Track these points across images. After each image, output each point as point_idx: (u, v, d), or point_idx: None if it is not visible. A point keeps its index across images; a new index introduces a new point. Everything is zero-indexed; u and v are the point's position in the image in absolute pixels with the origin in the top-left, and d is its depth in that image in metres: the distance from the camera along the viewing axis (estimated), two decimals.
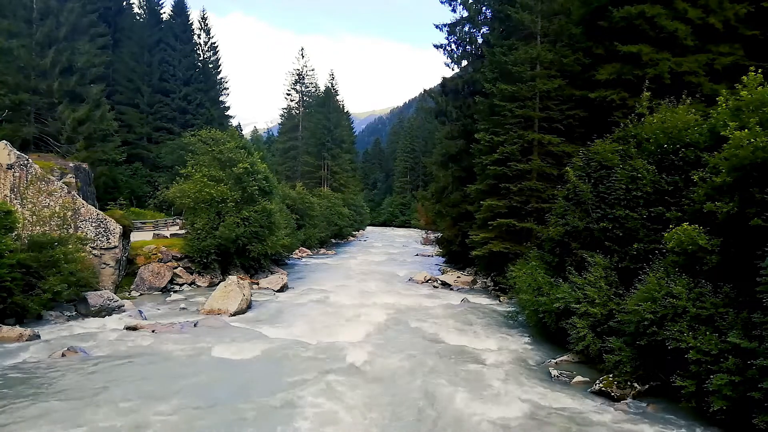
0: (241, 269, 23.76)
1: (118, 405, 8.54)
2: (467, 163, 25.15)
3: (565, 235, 13.52)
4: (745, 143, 8.54)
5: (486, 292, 22.25)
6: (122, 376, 10.04)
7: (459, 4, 28.24)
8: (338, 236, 53.21)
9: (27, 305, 13.50)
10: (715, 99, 10.95)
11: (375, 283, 24.40)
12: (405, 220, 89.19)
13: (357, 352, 12.19)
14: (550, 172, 19.28)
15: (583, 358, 11.55)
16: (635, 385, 9.74)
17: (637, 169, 11.75)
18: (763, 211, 8.33)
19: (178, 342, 12.58)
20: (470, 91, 27.99)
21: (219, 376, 10.32)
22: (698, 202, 9.80)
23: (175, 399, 8.90)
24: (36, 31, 27.21)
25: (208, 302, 16.79)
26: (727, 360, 7.91)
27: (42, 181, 17.49)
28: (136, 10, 48.70)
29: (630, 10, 16.42)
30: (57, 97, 27.84)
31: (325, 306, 18.30)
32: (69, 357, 11.01)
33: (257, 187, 23.85)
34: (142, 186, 40.33)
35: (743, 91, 9.62)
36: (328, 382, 10.00)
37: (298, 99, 68.22)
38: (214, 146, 24.44)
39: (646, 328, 9.34)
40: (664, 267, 10.01)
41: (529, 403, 9.34)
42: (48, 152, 25.96)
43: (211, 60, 50.96)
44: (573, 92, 19.30)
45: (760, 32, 16.35)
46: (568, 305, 11.65)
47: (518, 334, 14.61)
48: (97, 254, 18.10)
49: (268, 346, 12.57)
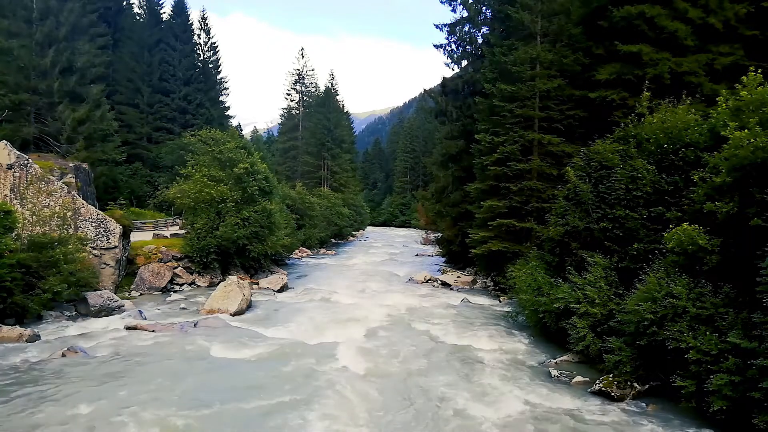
0: (241, 269, 23.76)
1: (118, 405, 8.54)
2: (467, 163, 25.14)
3: (565, 235, 13.51)
4: (745, 143, 8.54)
5: (486, 292, 22.25)
6: (122, 376, 10.03)
7: (459, 4, 28.23)
8: (338, 236, 53.19)
9: (27, 305, 13.50)
10: (715, 99, 10.94)
11: (375, 283, 24.40)
12: (405, 220, 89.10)
13: (357, 352, 12.20)
14: (550, 172, 19.27)
15: (583, 358, 11.54)
16: (635, 385, 9.74)
17: (637, 169, 11.75)
18: (763, 211, 8.32)
19: (178, 342, 12.58)
20: (470, 91, 27.99)
21: (219, 376, 10.32)
22: (698, 202, 9.80)
23: (175, 399, 8.90)
24: (36, 31, 27.21)
25: (208, 302, 16.79)
26: (727, 360, 7.91)
27: (42, 181, 17.49)
28: (136, 10, 48.67)
29: (630, 10, 16.41)
30: (57, 97, 27.84)
31: (325, 306, 18.30)
32: (69, 357, 11.01)
33: (257, 187, 23.85)
34: (142, 186, 40.31)
35: (743, 91, 9.62)
36: (327, 382, 10.00)
37: (298, 99, 68.23)
38: (214, 146, 24.43)
39: (646, 328, 9.34)
40: (664, 267, 10.00)
41: (528, 403, 9.34)
42: (48, 152, 25.97)
43: (211, 60, 50.97)
44: (573, 92, 19.30)
45: (760, 32, 16.34)
46: (568, 305, 11.64)
47: (518, 334, 14.60)
48: (97, 254, 18.10)
49: (268, 346, 12.57)
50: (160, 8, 49.27)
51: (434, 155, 38.71)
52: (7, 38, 25.88)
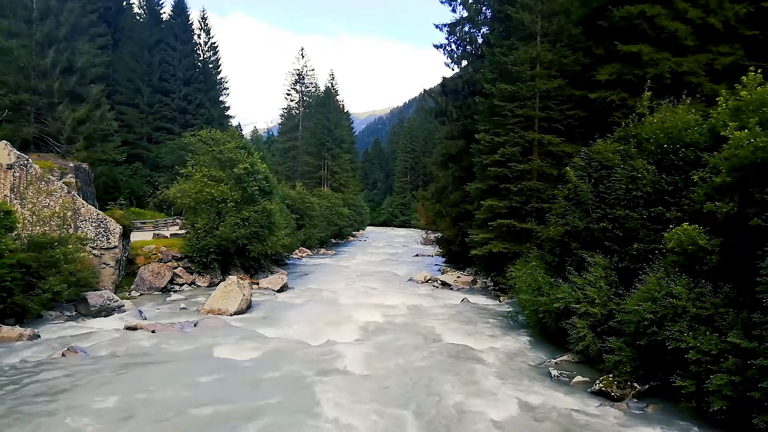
0: (241, 269, 23.77)
1: (118, 405, 8.54)
2: (467, 163, 25.15)
3: (565, 235, 13.51)
4: (745, 143, 8.54)
5: (486, 292, 22.25)
6: (122, 376, 10.03)
7: (459, 4, 28.24)
8: (338, 236, 53.19)
9: (27, 305, 13.50)
10: (715, 99, 10.93)
11: (375, 283, 24.39)
12: (405, 220, 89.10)
13: (357, 352, 12.19)
14: (550, 172, 19.28)
15: (583, 358, 11.54)
16: (635, 385, 9.74)
17: (637, 169, 11.75)
18: (763, 211, 8.32)
19: (178, 342, 12.57)
20: (470, 91, 27.98)
21: (219, 376, 10.30)
22: (698, 202, 9.79)
23: (175, 399, 8.90)
24: (36, 31, 27.18)
25: (208, 302, 16.79)
26: (727, 360, 7.91)
27: (42, 181, 17.50)
28: (136, 10, 48.66)
29: (630, 10, 16.41)
30: (57, 97, 27.82)
31: (324, 306, 18.29)
32: (69, 357, 11.01)
33: (257, 187, 23.86)
34: (142, 186, 40.31)
35: (743, 91, 9.61)
36: (327, 382, 9.99)
37: (298, 99, 68.21)
38: (214, 146, 24.44)
39: (646, 328, 9.34)
40: (664, 267, 10.00)
41: (528, 403, 9.33)
42: (48, 152, 25.95)
43: (211, 60, 50.97)
44: (573, 92, 19.30)
45: (760, 32, 16.33)
46: (568, 305, 11.64)
47: (518, 334, 14.60)
48: (97, 254, 18.10)
49: (268, 346, 12.57)
50: (160, 8, 49.27)
51: (434, 155, 38.71)
52: (7, 38, 25.86)
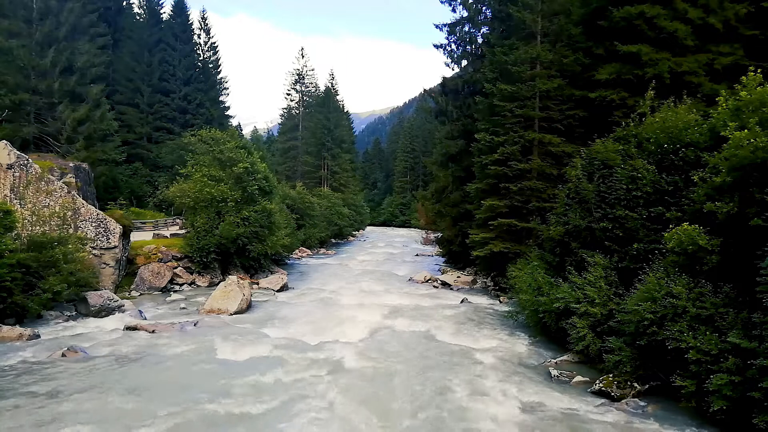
0: (241, 269, 23.76)
1: (117, 405, 8.55)
2: (467, 163, 25.13)
3: (566, 235, 13.52)
4: (745, 143, 8.54)
5: (486, 292, 22.25)
6: (122, 376, 10.04)
7: (459, 4, 28.22)
8: (338, 236, 53.17)
9: (27, 305, 13.50)
10: (715, 99, 10.93)
11: (375, 283, 24.40)
12: (405, 220, 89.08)
13: (357, 351, 12.20)
14: (550, 171, 19.27)
15: (583, 358, 11.55)
16: (635, 385, 9.74)
17: (637, 168, 11.75)
18: (763, 211, 8.32)
19: (178, 342, 12.58)
20: (470, 91, 27.94)
21: (219, 375, 10.30)
22: (698, 202, 9.80)
23: (175, 399, 8.90)
24: (36, 31, 27.20)
25: (208, 302, 16.79)
26: (727, 360, 7.92)
27: (42, 181, 17.49)
28: (136, 10, 48.68)
29: (630, 10, 16.41)
30: (57, 97, 27.83)
31: (325, 306, 18.30)
32: (69, 357, 11.01)
33: (257, 187, 23.86)
34: (142, 186, 40.33)
35: (743, 91, 9.62)
36: (328, 382, 10.01)
37: (298, 99, 68.15)
38: (214, 146, 24.43)
39: (646, 328, 9.34)
40: (664, 267, 10.01)
41: (528, 403, 9.34)
42: (48, 152, 25.96)
43: (211, 60, 50.97)
44: (573, 92, 19.29)
45: (760, 32, 16.32)
46: (568, 305, 11.64)
47: (518, 334, 14.60)
48: (97, 254, 18.10)
49: (269, 346, 12.57)
50: (160, 8, 49.21)
51: (434, 155, 38.66)
52: (7, 38, 25.86)
